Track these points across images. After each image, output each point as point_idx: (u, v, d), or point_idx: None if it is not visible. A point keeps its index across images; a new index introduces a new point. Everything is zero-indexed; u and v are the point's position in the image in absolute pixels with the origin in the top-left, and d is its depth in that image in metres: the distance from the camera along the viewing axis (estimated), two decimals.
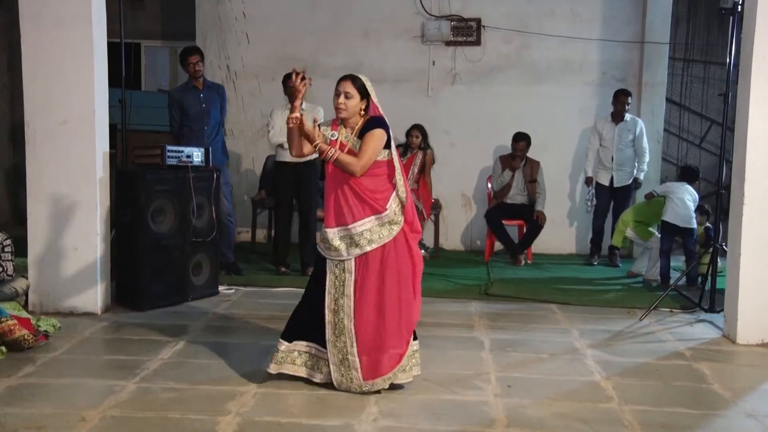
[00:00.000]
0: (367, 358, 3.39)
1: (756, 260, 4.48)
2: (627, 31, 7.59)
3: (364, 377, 3.38)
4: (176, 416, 3.11)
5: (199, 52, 6.06)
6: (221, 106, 6.13)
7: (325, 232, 3.41)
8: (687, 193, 6.12)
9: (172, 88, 6.50)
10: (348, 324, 3.39)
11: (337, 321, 3.41)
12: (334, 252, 3.40)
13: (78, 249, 4.74)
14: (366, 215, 3.37)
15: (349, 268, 3.40)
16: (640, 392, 3.57)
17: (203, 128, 5.93)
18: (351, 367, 3.39)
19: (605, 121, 7.13)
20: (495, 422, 3.14)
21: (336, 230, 3.39)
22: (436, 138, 7.47)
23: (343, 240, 3.38)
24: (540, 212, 7.11)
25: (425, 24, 7.70)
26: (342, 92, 3.40)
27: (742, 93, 4.55)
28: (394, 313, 3.42)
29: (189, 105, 5.95)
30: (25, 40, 4.66)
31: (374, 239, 3.37)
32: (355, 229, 3.36)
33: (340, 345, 3.41)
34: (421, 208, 7.16)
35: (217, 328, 4.58)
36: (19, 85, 4.78)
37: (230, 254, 6.13)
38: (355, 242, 3.36)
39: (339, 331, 3.41)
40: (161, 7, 8.94)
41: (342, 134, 3.46)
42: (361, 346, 3.39)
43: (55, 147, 4.68)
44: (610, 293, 5.83)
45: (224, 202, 6.00)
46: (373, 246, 3.36)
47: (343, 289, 3.40)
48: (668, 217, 6.08)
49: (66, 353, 3.97)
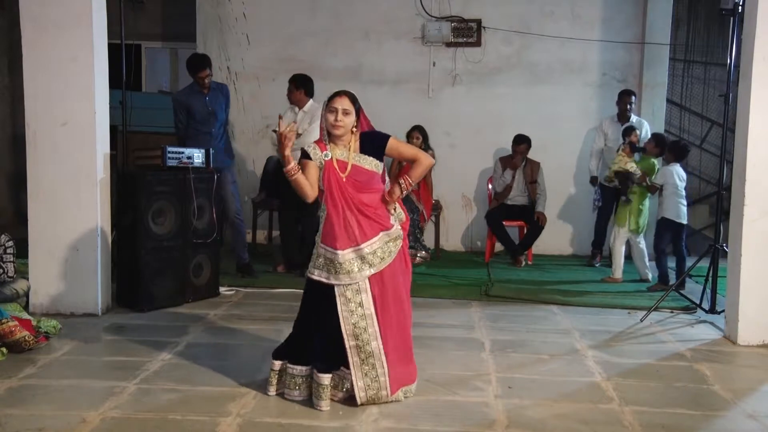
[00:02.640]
0: (394, 373, 3.32)
1: (756, 261, 4.48)
2: (627, 32, 7.59)
3: (391, 392, 3.32)
4: (177, 417, 3.11)
5: (209, 64, 5.95)
6: (226, 105, 6.11)
7: (336, 254, 3.24)
8: (681, 176, 6.09)
9: (176, 91, 6.48)
10: (376, 345, 3.27)
11: (362, 344, 3.26)
12: (344, 276, 3.25)
13: (79, 250, 4.74)
14: (375, 233, 3.29)
15: (364, 288, 3.27)
16: (640, 393, 3.56)
17: (210, 130, 5.92)
18: (382, 387, 3.28)
19: (611, 121, 7.12)
20: (495, 423, 3.14)
21: (348, 251, 3.25)
22: (437, 139, 7.47)
23: (354, 261, 3.25)
24: (541, 213, 7.11)
25: (426, 25, 7.71)
26: (339, 109, 3.28)
27: (743, 94, 4.55)
28: (409, 323, 3.46)
29: (195, 108, 5.91)
30: (25, 42, 4.66)
31: (385, 257, 3.30)
32: (368, 248, 3.26)
33: (368, 368, 3.27)
34: (421, 209, 7.17)
35: (218, 330, 4.58)
36: (20, 86, 4.79)
37: (245, 254, 6.10)
38: (368, 262, 3.26)
39: (366, 354, 3.26)
40: (162, 9, 8.95)
41: (336, 152, 3.34)
42: (390, 364, 3.30)
43: (55, 148, 4.69)
44: (611, 294, 5.83)
45: (233, 201, 6.01)
46: (386, 263, 3.29)
47: (362, 311, 3.26)
48: (666, 213, 6.09)
49: (67, 354, 3.98)
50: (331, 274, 3.27)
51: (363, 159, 3.36)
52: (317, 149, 3.35)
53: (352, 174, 3.31)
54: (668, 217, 6.12)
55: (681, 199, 6.08)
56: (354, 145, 3.37)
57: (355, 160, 3.34)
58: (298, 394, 3.33)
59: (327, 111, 3.32)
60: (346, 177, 3.30)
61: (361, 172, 3.33)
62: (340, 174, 3.30)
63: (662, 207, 6.17)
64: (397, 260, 3.36)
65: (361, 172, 3.33)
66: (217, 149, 5.79)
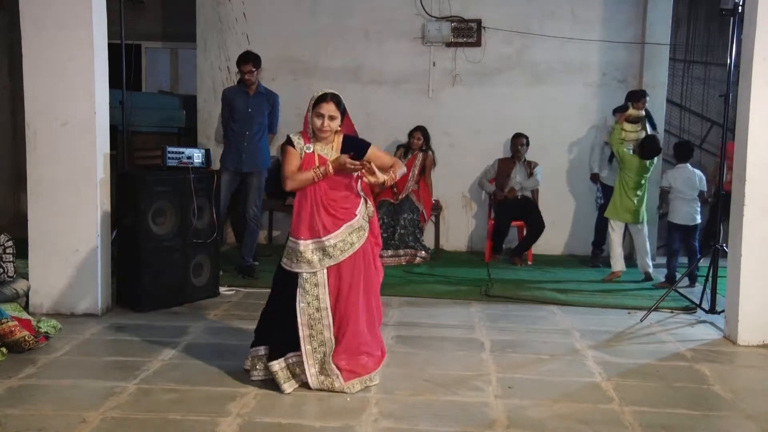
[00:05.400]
0: (346, 363, 3.46)
1: (757, 261, 4.48)
2: (627, 32, 7.59)
3: (344, 379, 3.45)
4: (177, 417, 3.11)
5: (253, 60, 5.98)
6: (271, 112, 6.14)
7: (298, 243, 3.41)
8: (689, 181, 6.09)
9: (226, 87, 6.60)
10: (327, 335, 3.45)
11: (315, 333, 3.44)
12: (305, 265, 3.42)
13: (78, 250, 4.74)
14: (338, 227, 3.42)
15: (322, 281, 3.43)
16: (640, 393, 3.56)
17: (245, 132, 5.95)
18: (331, 375, 3.44)
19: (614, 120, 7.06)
20: (495, 423, 3.14)
21: (309, 242, 3.41)
22: (437, 139, 7.48)
23: (315, 253, 3.41)
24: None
25: (426, 25, 7.70)
26: (326, 115, 3.41)
27: (743, 94, 4.55)
28: (370, 319, 3.56)
29: (236, 107, 6.00)
30: (26, 42, 4.66)
31: (346, 248, 3.43)
32: (328, 241, 3.41)
33: (319, 355, 3.46)
34: (421, 209, 7.18)
35: (218, 330, 4.58)
36: (20, 86, 4.78)
37: (249, 258, 6.14)
38: (328, 254, 3.41)
39: (318, 342, 3.45)
40: (162, 9, 8.95)
41: (318, 148, 3.48)
42: (339, 352, 3.46)
43: (55, 148, 4.69)
44: (611, 294, 5.83)
45: (252, 206, 6.06)
46: (346, 255, 3.43)
47: (318, 303, 3.43)
48: (674, 218, 6.09)
49: (67, 354, 3.98)
50: (293, 262, 3.45)
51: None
52: (301, 140, 3.50)
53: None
54: (673, 221, 6.12)
55: (688, 202, 6.08)
56: (336, 146, 3.51)
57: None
58: (257, 374, 3.54)
59: (314, 115, 3.43)
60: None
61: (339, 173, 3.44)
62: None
63: (669, 210, 6.17)
64: (360, 256, 3.47)
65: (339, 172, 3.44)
66: (248, 152, 5.83)
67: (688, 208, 6.09)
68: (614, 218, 6.40)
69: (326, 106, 3.41)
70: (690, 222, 6.10)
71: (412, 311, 5.17)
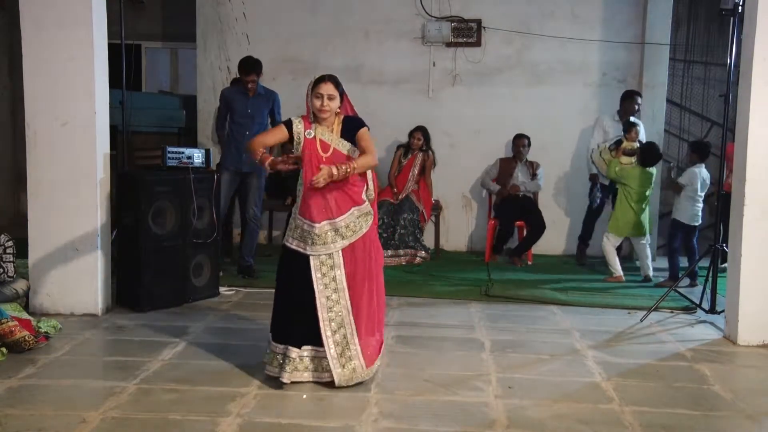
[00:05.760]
0: (365, 343, 3.53)
1: (757, 261, 4.48)
2: (627, 33, 7.59)
3: (366, 364, 3.50)
4: (177, 417, 3.11)
5: (257, 71, 5.98)
6: (271, 111, 6.13)
7: (314, 227, 3.47)
8: (705, 181, 6.11)
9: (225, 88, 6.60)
10: (347, 316, 3.50)
11: (334, 316, 3.49)
12: (321, 246, 3.48)
13: (79, 250, 4.74)
14: (348, 208, 3.52)
15: (338, 262, 3.50)
16: (640, 393, 3.56)
17: (245, 133, 5.93)
18: (353, 357, 3.48)
19: (611, 119, 7.07)
20: (495, 423, 3.14)
21: (324, 224, 3.48)
22: (437, 139, 7.47)
23: (329, 233, 3.49)
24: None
25: (426, 25, 7.70)
26: (325, 95, 3.49)
27: (743, 94, 4.55)
28: (381, 300, 3.64)
29: (236, 108, 6.02)
30: (26, 42, 4.66)
31: (357, 230, 3.53)
32: (342, 222, 3.49)
33: (339, 338, 3.49)
34: (421, 209, 7.17)
35: (218, 330, 4.58)
36: (20, 86, 4.78)
37: (249, 258, 6.14)
38: (341, 234, 3.49)
39: (337, 324, 3.49)
40: (162, 9, 8.95)
41: (319, 132, 3.55)
42: (359, 333, 3.52)
43: (55, 148, 4.69)
44: (611, 294, 5.83)
45: (252, 206, 6.06)
46: (356, 236, 3.52)
47: (335, 285, 3.49)
48: (680, 216, 6.10)
49: (67, 354, 3.98)
50: (307, 245, 3.50)
51: (342, 144, 3.57)
52: (301, 124, 3.55)
53: (332, 156, 3.52)
54: (680, 220, 6.13)
55: (696, 202, 6.10)
56: (337, 128, 3.58)
57: (336, 144, 3.55)
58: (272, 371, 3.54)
59: (313, 96, 3.51)
60: (327, 157, 3.51)
61: (339, 156, 3.54)
62: (321, 154, 3.52)
63: (676, 208, 6.18)
64: (368, 238, 3.57)
65: (339, 155, 3.54)
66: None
67: (696, 208, 6.11)
68: (616, 233, 6.34)
69: (325, 86, 3.50)
70: (694, 222, 6.13)
71: (412, 311, 5.17)
